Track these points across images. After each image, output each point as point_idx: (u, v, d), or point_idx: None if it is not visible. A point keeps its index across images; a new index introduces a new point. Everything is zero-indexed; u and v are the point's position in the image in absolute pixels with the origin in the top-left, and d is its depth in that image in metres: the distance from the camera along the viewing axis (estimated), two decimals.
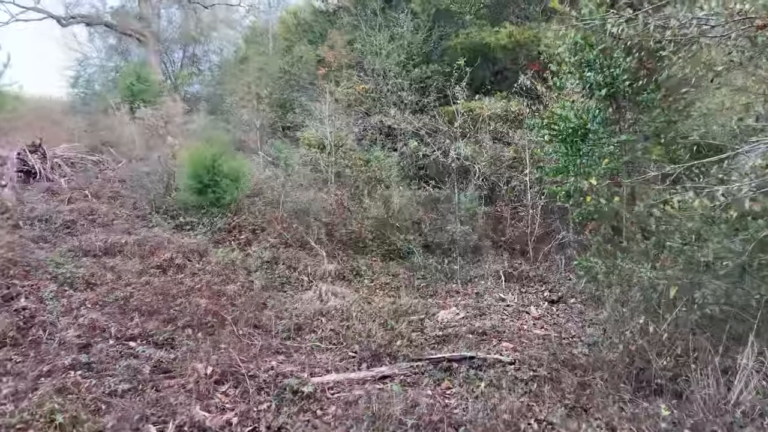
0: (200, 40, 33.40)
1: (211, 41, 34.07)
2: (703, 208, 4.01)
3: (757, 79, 6.03)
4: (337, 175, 14.14)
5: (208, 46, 34.03)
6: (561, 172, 8.35)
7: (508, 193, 13.31)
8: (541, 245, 12.22)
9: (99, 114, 21.33)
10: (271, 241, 10.73)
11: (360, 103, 16.65)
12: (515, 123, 13.32)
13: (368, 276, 10.00)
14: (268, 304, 8.27)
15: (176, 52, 33.45)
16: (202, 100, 26.27)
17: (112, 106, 18.63)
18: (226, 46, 34.30)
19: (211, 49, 34.10)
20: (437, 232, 12.09)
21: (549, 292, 10.05)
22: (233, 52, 32.40)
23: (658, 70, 7.67)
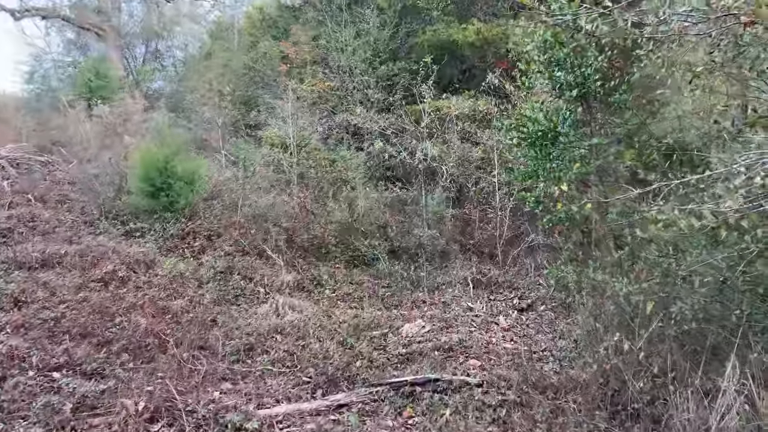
0: (163, 35, 32.22)
1: (175, 36, 32.91)
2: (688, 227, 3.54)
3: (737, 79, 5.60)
4: (300, 176, 13.49)
5: (172, 42, 32.84)
6: (530, 177, 7.87)
7: (476, 194, 12.84)
8: (509, 248, 11.78)
9: (52, 111, 20.25)
10: (226, 248, 10.05)
11: (325, 101, 15.98)
12: (483, 123, 12.83)
13: (330, 286, 9.41)
14: (219, 320, 7.62)
15: (138, 48, 32.24)
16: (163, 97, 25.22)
17: (65, 104, 17.59)
18: (190, 41, 33.16)
19: (175, 45, 32.92)
20: (404, 236, 11.54)
21: (518, 300, 9.59)
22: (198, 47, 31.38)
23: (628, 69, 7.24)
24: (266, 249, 9.76)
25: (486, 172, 12.71)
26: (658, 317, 5.90)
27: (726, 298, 5.70)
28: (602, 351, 6.11)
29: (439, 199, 11.92)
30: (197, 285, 8.80)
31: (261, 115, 15.43)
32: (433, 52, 13.90)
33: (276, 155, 13.79)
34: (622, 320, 6.44)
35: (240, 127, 18.55)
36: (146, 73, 28.94)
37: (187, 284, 8.71)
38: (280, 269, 9.27)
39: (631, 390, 5.50)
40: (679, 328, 5.75)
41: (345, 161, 13.88)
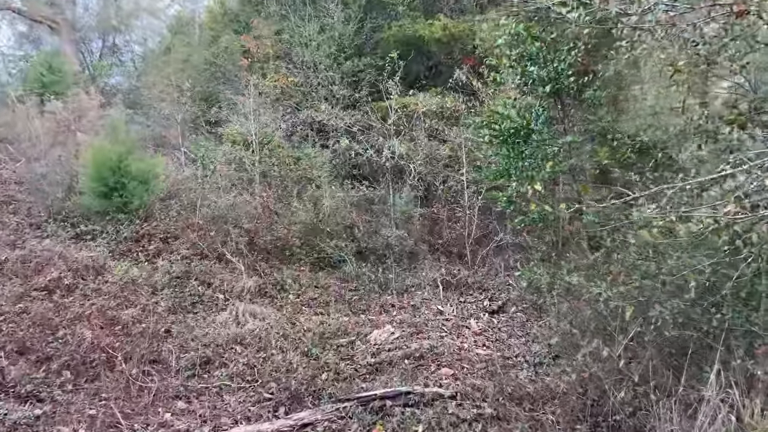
0: (121, 29, 31.05)
1: (133, 31, 31.76)
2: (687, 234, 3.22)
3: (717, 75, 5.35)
4: (263, 174, 12.93)
5: (130, 36, 31.67)
6: (502, 176, 7.54)
7: (444, 193, 12.49)
8: (478, 248, 11.48)
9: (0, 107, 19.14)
10: (183, 252, 9.46)
11: (288, 97, 15.42)
12: (451, 120, 12.49)
13: (294, 290, 8.92)
14: (173, 330, 7.08)
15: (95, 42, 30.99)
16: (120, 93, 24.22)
17: (13, 99, 16.59)
18: (150, 36, 32.03)
19: (134, 39, 31.76)
20: (371, 236, 11.12)
21: (489, 301, 9.28)
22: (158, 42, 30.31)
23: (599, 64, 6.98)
24: (226, 252, 9.21)
25: (454, 171, 12.38)
26: (637, 322, 5.63)
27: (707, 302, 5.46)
28: (580, 358, 5.81)
29: (407, 198, 11.53)
30: (151, 292, 8.21)
31: (222, 112, 14.75)
32: (399, 48, 13.49)
33: (237, 153, 13.20)
34: (599, 325, 6.15)
35: (200, 123, 17.83)
36: (103, 68, 27.77)
37: (140, 291, 8.12)
38: (241, 274, 8.74)
39: (612, 400, 5.20)
40: (659, 333, 5.49)
41: (310, 159, 13.37)
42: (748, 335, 5.45)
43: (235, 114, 14.26)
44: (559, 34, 6.52)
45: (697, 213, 3.26)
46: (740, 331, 5.47)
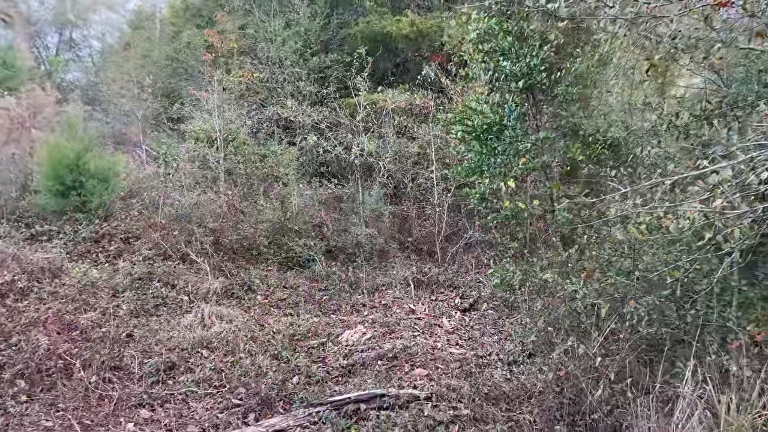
0: (78, 23, 30.03)
1: (91, 25, 30.74)
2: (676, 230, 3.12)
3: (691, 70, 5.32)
4: (228, 172, 12.57)
5: (88, 31, 30.65)
6: (474, 173, 7.41)
7: (414, 191, 12.36)
8: (448, 245, 11.40)
9: None
10: (146, 252, 9.07)
11: (254, 93, 15.05)
12: (420, 117, 12.35)
13: (262, 291, 8.64)
14: (136, 335, 6.74)
15: (51, 36, 29.89)
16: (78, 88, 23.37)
17: None
18: (108, 31, 31.06)
19: (92, 34, 30.75)
20: (340, 235, 10.91)
21: (460, 299, 9.17)
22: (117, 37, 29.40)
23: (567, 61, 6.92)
24: (190, 252, 8.86)
25: (423, 168, 12.26)
26: (612, 319, 5.58)
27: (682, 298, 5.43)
28: (556, 356, 5.72)
29: (377, 196, 11.36)
30: (112, 294, 7.84)
31: (185, 108, 14.29)
32: (366, 44, 13.30)
33: (201, 150, 12.80)
34: (573, 322, 6.09)
35: (162, 120, 17.31)
36: (59, 64, 26.80)
37: (100, 294, 7.74)
38: (206, 274, 8.42)
39: (589, 399, 5.12)
40: (634, 330, 5.44)
41: (276, 157, 13.06)
42: (721, 330, 5.45)
43: (198, 110, 13.84)
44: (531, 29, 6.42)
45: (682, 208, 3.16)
46: (714, 326, 5.47)
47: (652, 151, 6.18)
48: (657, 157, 6.19)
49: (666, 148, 6.16)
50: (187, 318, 7.41)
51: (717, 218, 2.96)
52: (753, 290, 5.28)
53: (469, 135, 7.04)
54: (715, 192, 3.04)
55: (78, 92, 22.83)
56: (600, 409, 5.05)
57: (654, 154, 6.19)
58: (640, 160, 6.21)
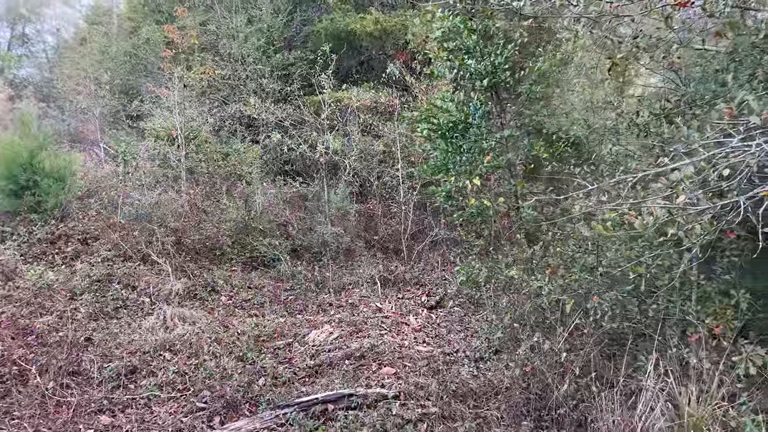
0: (31, 18, 29.04)
1: (45, 20, 29.73)
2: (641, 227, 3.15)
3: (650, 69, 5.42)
4: (189, 171, 12.31)
5: (42, 26, 29.64)
6: (440, 171, 7.41)
7: (379, 189, 12.32)
8: (414, 243, 11.41)
9: None
10: (104, 253, 8.80)
11: (216, 90, 14.78)
12: (385, 115, 12.32)
13: (226, 292, 8.47)
14: (95, 338, 6.52)
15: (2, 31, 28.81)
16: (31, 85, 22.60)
17: None
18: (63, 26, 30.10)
19: (46, 29, 29.74)
20: (306, 234, 10.80)
21: (427, 297, 9.18)
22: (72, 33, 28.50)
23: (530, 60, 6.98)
24: (151, 253, 8.63)
25: (389, 166, 12.24)
26: (577, 315, 5.65)
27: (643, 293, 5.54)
28: (522, 352, 5.77)
29: (342, 194, 11.27)
30: (69, 297, 7.57)
31: (144, 105, 13.93)
32: (330, 42, 13.18)
33: (162, 149, 12.50)
34: (538, 318, 6.15)
35: (120, 118, 16.84)
36: (10, 60, 25.83)
37: (57, 297, 7.47)
38: (168, 275, 8.21)
39: (555, 394, 5.17)
40: (597, 325, 5.53)
41: (239, 155, 12.86)
42: (681, 324, 5.58)
43: (158, 108, 13.52)
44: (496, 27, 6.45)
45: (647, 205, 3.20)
46: (674, 320, 5.59)
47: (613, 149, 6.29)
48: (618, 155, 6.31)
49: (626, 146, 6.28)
50: (148, 320, 7.21)
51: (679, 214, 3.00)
52: (711, 284, 5.42)
53: (435, 133, 7.03)
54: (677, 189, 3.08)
55: (31, 89, 22.10)
56: (566, 404, 5.11)
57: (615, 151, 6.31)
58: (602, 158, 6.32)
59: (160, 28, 17.08)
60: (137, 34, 19.34)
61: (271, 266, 9.73)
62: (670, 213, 3.01)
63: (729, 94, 3.80)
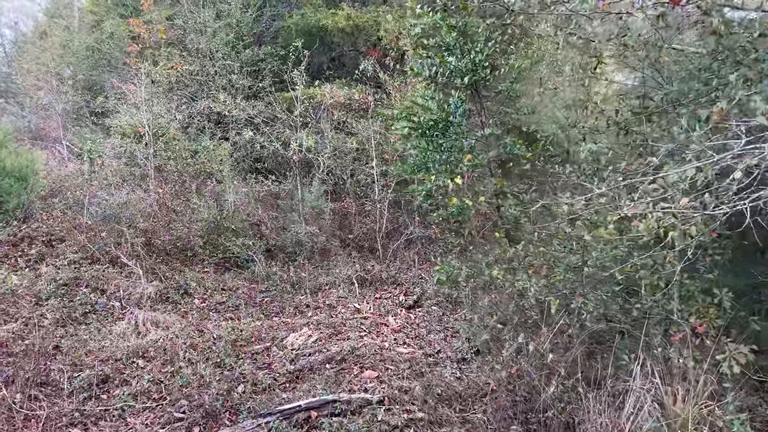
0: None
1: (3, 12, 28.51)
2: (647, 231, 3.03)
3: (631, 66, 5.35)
4: (158, 169, 11.88)
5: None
6: (420, 170, 7.25)
7: (353, 187, 12.11)
8: (389, 242, 11.25)
9: None
10: (71, 255, 8.38)
11: (183, 86, 14.32)
12: (359, 112, 12.10)
13: (199, 294, 8.16)
14: (63, 346, 6.17)
15: None
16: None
17: None
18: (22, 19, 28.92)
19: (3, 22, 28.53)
20: (279, 233, 10.53)
21: (404, 296, 9.02)
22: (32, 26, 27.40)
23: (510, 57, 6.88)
24: (120, 255, 8.25)
25: (363, 164, 12.03)
26: (561, 315, 5.56)
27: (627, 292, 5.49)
28: (506, 353, 5.67)
29: (317, 192, 11.02)
30: (34, 303, 7.18)
31: (109, 102, 13.39)
32: (301, 38, 12.91)
33: (129, 146, 12.03)
34: (521, 318, 6.06)
35: (84, 115, 16.20)
36: None
37: (21, 303, 7.07)
38: (139, 278, 7.85)
39: (542, 396, 5.07)
40: (582, 326, 5.45)
41: (208, 152, 12.46)
42: (664, 323, 5.55)
43: (124, 104, 13.02)
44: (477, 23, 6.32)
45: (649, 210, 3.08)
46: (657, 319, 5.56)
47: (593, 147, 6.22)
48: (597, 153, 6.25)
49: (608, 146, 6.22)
50: (119, 325, 6.88)
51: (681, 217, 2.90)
52: (694, 283, 5.39)
53: (415, 131, 6.86)
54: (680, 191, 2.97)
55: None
56: (554, 406, 5.02)
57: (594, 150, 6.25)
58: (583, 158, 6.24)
59: (124, 22, 16.49)
60: (100, 28, 18.66)
61: (245, 267, 9.43)
62: (674, 216, 2.91)
63: (724, 93, 3.72)
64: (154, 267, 8.42)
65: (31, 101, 16.36)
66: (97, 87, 16.89)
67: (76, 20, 22.42)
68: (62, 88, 15.99)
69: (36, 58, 18.33)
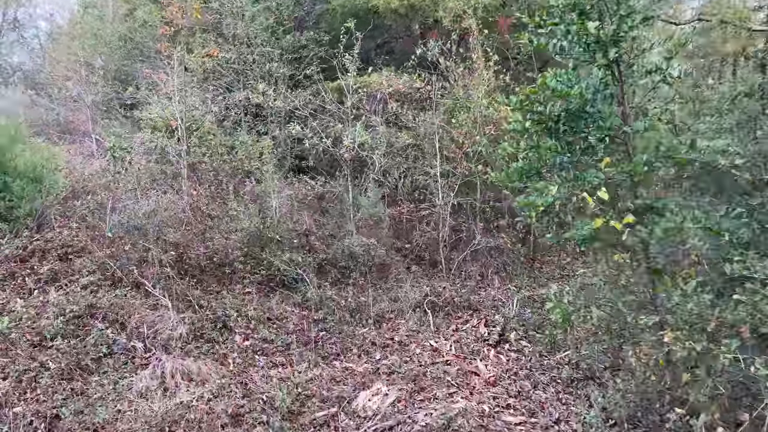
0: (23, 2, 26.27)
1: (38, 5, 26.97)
2: None
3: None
4: (191, 167, 10.00)
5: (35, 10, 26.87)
6: (529, 176, 5.15)
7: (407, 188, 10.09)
8: (452, 252, 9.28)
9: None
10: (87, 276, 6.54)
11: (220, 75, 12.40)
12: (421, 103, 10.05)
13: (241, 329, 6.21)
14: (65, 414, 4.32)
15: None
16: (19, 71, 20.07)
17: None
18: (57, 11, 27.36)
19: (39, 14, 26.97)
20: (329, 243, 8.59)
21: (485, 327, 7.04)
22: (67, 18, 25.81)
23: None
24: (145, 283, 6.35)
25: (421, 163, 10.00)
26: None
27: None
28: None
29: (374, 197, 9.02)
30: (36, 344, 5.33)
31: (140, 93, 11.53)
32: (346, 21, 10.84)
33: (160, 141, 10.17)
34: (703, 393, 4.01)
35: (114, 107, 14.39)
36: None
37: (20, 344, 5.23)
38: (167, 309, 5.95)
39: None
40: None
41: (246, 147, 10.51)
42: None
43: (155, 95, 11.16)
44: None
45: None
46: None
47: None
48: None
49: None
50: (141, 378, 5.01)
51: None
52: None
53: (538, 125, 4.79)
54: None
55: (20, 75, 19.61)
56: None
57: None
58: None
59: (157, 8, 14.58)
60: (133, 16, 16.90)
61: (293, 288, 7.49)
62: None
63: None
64: (186, 292, 6.51)
65: (59, 92, 14.58)
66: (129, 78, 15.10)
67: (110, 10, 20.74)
68: (92, 79, 14.21)
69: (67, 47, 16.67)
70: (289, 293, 7.38)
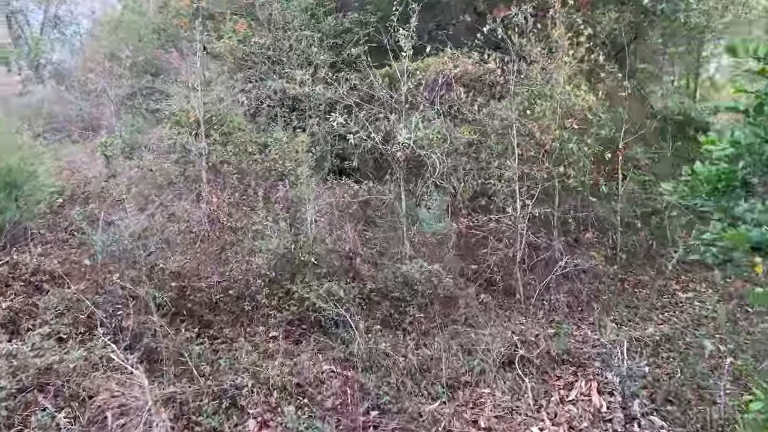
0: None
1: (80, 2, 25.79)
2: None
3: None
4: (213, 168, 8.02)
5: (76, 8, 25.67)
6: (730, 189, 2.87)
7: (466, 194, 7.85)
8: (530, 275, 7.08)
9: None
10: (53, 323, 4.56)
11: (252, 63, 10.38)
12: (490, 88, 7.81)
13: (256, 405, 4.08)
14: None
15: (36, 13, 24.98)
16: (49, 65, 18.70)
17: None
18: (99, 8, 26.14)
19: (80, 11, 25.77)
20: (379, 265, 6.45)
21: (598, 395, 4.78)
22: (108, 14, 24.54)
23: None
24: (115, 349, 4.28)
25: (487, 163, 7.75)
26: None
27: None
28: None
29: (438, 209, 6.82)
30: None
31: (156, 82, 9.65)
32: None
33: (178, 138, 8.21)
34: None
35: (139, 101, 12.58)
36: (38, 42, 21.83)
37: None
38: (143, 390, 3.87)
39: None
40: None
41: (281, 145, 8.43)
42: None
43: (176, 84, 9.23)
44: None
45: None
46: None
47: None
48: None
49: None
50: None
51: None
52: None
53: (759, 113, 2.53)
54: None
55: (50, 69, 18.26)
56: None
57: None
58: None
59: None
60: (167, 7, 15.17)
61: (332, 332, 5.35)
62: None
63: None
64: (182, 350, 4.44)
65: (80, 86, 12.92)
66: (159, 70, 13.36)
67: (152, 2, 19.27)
68: (117, 71, 12.47)
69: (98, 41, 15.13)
70: (326, 340, 5.24)
